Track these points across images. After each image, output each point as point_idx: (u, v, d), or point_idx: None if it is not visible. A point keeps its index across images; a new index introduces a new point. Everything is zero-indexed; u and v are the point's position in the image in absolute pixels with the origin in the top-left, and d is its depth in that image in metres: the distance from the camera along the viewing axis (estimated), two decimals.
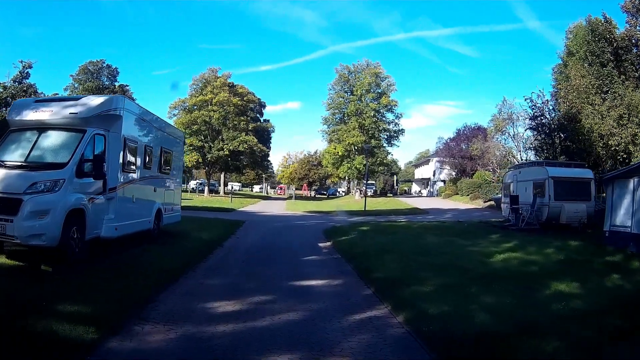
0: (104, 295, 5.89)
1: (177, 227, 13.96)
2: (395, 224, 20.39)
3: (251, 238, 14.68)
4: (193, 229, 14.59)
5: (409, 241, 13.49)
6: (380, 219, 25.23)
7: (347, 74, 57.83)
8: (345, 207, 39.90)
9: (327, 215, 28.07)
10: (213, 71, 59.77)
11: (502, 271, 9.17)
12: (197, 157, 53.89)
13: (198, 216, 20.99)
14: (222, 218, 21.17)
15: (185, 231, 13.78)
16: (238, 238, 14.35)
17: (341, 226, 19.08)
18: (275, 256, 10.91)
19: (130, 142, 9.61)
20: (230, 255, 10.87)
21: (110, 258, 8.52)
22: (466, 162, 56.67)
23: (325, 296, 7.02)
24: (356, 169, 54.89)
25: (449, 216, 29.79)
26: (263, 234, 16.12)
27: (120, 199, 9.17)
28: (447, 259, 10.25)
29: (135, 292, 6.27)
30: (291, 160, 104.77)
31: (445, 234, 16.40)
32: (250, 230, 17.34)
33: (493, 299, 6.70)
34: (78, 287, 6.20)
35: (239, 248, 12.10)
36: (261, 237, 15.27)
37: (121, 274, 7.10)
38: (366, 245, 12.11)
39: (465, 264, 9.93)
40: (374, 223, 20.82)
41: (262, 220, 23.22)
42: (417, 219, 26.24)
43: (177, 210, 13.47)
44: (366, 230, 16.36)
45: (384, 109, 56.64)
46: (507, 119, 47.00)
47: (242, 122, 55.95)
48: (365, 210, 30.33)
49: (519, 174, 23.21)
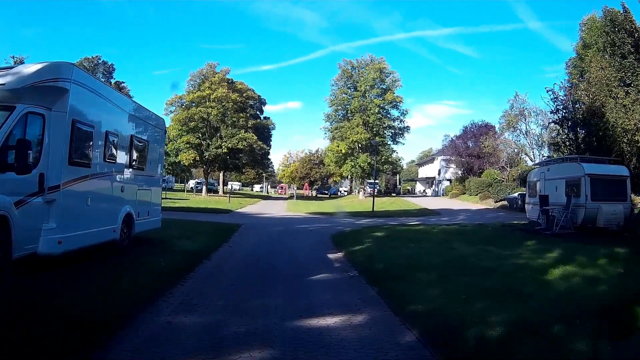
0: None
1: (158, 234, 11.65)
2: (411, 228, 17.98)
3: (246, 248, 12.30)
4: (177, 236, 12.24)
5: (437, 251, 11.14)
6: (392, 221, 22.88)
7: (350, 70, 55.55)
8: (350, 207, 37.55)
9: (332, 217, 25.73)
10: (211, 67, 57.47)
11: (573, 296, 6.83)
12: (194, 155, 51.51)
13: (189, 219, 18.70)
14: (216, 221, 18.85)
15: (167, 239, 11.46)
16: (230, 248, 11.92)
17: (351, 231, 16.76)
18: (274, 275, 8.53)
19: (83, 125, 7.24)
20: (217, 274, 8.47)
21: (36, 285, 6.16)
22: (473, 160, 54.30)
23: (348, 349, 4.67)
24: (360, 168, 52.60)
25: (463, 218, 27.49)
26: (260, 242, 13.72)
27: (66, 201, 6.79)
28: (496, 280, 7.89)
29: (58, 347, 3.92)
30: (292, 159, 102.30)
31: (474, 241, 14.03)
32: (246, 236, 14.95)
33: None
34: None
35: (229, 263, 9.70)
36: (258, 246, 12.86)
37: (40, 320, 4.71)
38: (388, 258, 9.75)
39: (521, 285, 7.58)
40: (388, 227, 18.45)
41: (260, 223, 20.89)
42: (432, 221, 23.88)
43: (155, 214, 11.10)
44: (382, 237, 13.95)
45: (389, 106, 54.34)
46: (519, 114, 44.69)
47: (241, 119, 53.59)
48: (373, 212, 27.98)
49: (548, 172, 20.86)
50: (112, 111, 8.44)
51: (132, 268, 7.65)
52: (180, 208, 26.79)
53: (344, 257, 10.71)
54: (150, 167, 10.47)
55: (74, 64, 7.31)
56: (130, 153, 9.10)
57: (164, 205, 27.52)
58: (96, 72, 66.80)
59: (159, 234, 11.71)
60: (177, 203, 31.83)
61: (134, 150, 9.30)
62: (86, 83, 7.45)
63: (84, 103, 7.31)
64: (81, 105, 7.22)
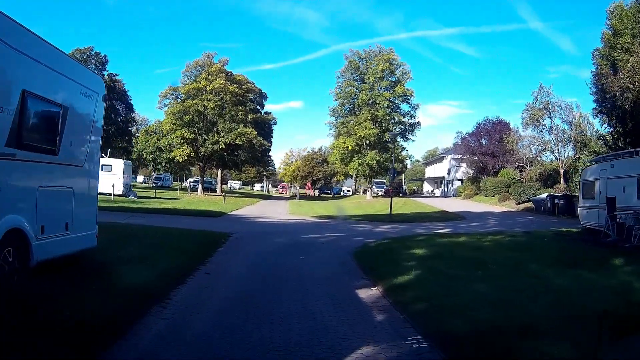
0: None
1: (98, 255, 7.70)
2: (455, 240, 13.74)
3: (231, 277, 8.17)
4: (130, 256, 8.15)
5: (523, 284, 7.14)
6: (418, 228, 18.93)
7: (357, 61, 51.44)
8: (360, 209, 33.58)
9: (345, 223, 21.63)
10: (209, 57, 53.45)
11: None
12: (189, 151, 47.38)
13: (167, 226, 14.74)
14: (201, 228, 14.79)
15: (111, 262, 7.49)
16: (207, 277, 7.77)
17: (378, 245, 12.76)
18: (276, 348, 4.55)
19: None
20: (168, 347, 4.50)
21: None
22: (487, 159, 50.33)
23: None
24: (368, 166, 48.56)
25: (494, 223, 23.57)
26: (254, 265, 9.55)
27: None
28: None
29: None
30: (294, 157, 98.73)
31: (548, 261, 10.06)
32: (235, 254, 10.78)
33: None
34: None
35: (200, 314, 5.63)
36: (250, 273, 8.71)
37: None
38: (463, 304, 5.75)
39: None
40: (422, 238, 14.35)
41: (257, 231, 16.69)
42: (464, 228, 19.90)
43: (85, 226, 6.98)
44: (427, 257, 9.81)
45: (399, 99, 50.25)
46: (544, 108, 40.59)
47: (240, 113, 49.51)
48: (391, 215, 23.91)
49: (611, 169, 16.90)
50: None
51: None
52: (165, 210, 22.86)
53: (386, 297, 6.57)
54: (71, 150, 6.36)
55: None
56: (19, 121, 5.09)
57: (146, 206, 23.59)
58: (88, 64, 63.04)
59: (100, 253, 7.75)
60: (165, 204, 27.88)
61: (29, 118, 5.31)
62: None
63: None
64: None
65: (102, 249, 7.84)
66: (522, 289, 6.84)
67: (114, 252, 8.22)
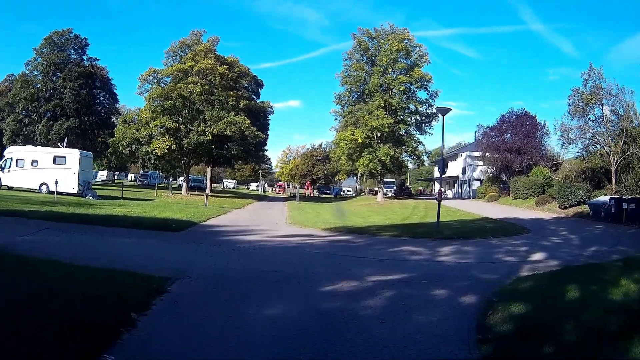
0: None
1: None
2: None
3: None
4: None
5: None
6: (497, 250, 11.91)
7: (367, 41, 44.22)
8: (379, 215, 26.40)
9: (379, 243, 14.28)
10: (196, 35, 46.15)
11: None
12: (169, 142, 39.80)
13: (79, 254, 7.67)
14: (125, 266, 7.62)
15: None
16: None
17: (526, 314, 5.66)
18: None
19: None
20: None
21: None
22: (513, 156, 43.48)
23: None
24: (380, 162, 41.44)
25: (577, 238, 16.64)
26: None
27: None
28: None
29: None
30: (292, 155, 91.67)
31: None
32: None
33: None
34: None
35: None
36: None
37: None
38: None
39: None
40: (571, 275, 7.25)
41: (228, 274, 8.33)
42: (567, 251, 12.85)
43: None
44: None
45: (416, 85, 43.14)
46: (594, 93, 33.57)
47: (230, 99, 42.22)
48: (439, 227, 16.59)
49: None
50: None
51: None
52: (111, 218, 15.78)
53: None
54: None
55: None
56: None
57: (92, 212, 16.23)
58: (67, 48, 55.98)
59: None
60: (125, 207, 20.78)
61: None
62: None
63: None
64: None
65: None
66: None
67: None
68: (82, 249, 9.44)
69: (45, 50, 54.10)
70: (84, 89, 54.15)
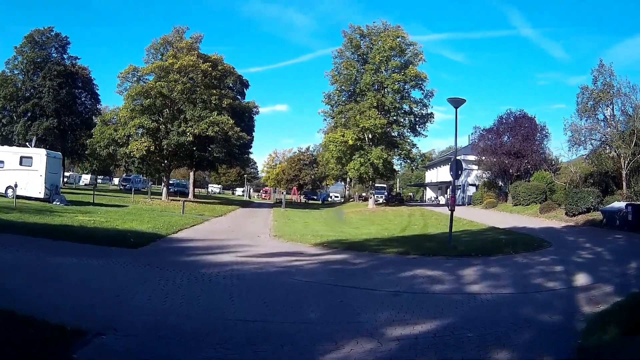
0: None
1: None
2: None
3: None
4: None
5: None
6: (531, 272, 9.51)
7: (358, 38, 41.89)
8: (375, 225, 23.88)
9: (386, 265, 11.45)
10: (179, 32, 43.29)
11: None
12: (148, 144, 36.84)
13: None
14: (34, 302, 5.09)
15: None
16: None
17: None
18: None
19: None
20: None
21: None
22: (511, 160, 41.54)
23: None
24: (372, 166, 39.02)
25: (607, 252, 14.40)
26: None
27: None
28: None
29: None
30: (278, 159, 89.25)
31: None
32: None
33: None
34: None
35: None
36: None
37: None
38: None
39: None
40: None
41: (167, 335, 5.14)
42: (607, 270, 10.51)
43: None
44: None
45: (410, 84, 40.85)
46: (607, 90, 31.44)
47: (213, 97, 39.53)
48: (452, 242, 14.07)
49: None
50: None
51: None
52: (63, 229, 13.06)
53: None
54: None
55: None
56: None
57: (45, 221, 13.08)
58: (48, 46, 52.77)
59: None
60: (88, 215, 18.04)
61: None
62: None
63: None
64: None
65: None
66: None
67: None
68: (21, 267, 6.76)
69: (26, 49, 51.27)
70: (64, 88, 51.26)
